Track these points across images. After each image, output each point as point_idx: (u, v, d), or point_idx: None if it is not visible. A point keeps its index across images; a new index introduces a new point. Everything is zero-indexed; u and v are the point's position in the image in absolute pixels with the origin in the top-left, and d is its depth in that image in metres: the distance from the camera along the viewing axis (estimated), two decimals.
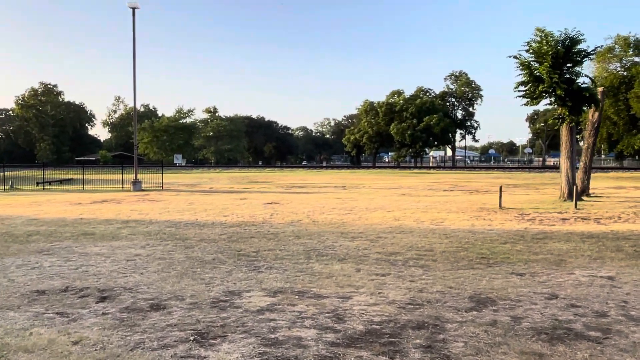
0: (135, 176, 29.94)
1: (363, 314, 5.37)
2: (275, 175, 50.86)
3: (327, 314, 5.36)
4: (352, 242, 10.35)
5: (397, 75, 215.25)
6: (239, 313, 5.45)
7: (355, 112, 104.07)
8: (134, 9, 30.13)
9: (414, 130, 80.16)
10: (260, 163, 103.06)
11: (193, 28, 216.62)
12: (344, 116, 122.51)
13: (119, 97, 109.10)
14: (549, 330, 4.83)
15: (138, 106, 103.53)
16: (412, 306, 5.64)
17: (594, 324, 5.01)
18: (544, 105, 21.52)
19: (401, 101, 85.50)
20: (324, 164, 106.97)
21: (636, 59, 45.39)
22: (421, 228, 12.45)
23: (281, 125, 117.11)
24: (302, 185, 32.43)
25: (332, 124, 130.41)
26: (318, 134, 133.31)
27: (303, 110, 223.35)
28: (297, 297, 6.10)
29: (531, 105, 19.93)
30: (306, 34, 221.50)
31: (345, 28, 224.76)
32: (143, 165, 52.47)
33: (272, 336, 4.72)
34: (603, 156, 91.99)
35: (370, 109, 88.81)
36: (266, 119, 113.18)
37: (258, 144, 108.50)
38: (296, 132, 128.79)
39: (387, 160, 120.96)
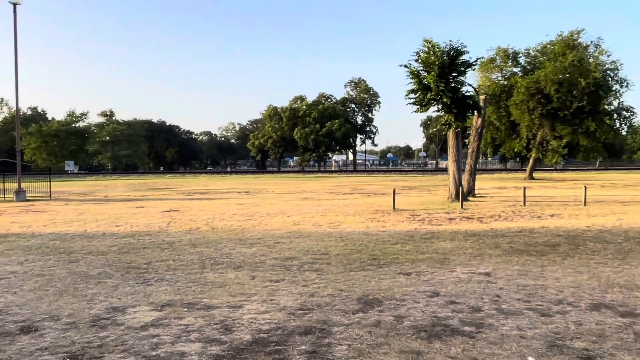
0: (19, 185, 27.46)
1: (252, 322, 5.32)
2: (177, 181, 49.19)
3: (215, 326, 5.24)
4: (249, 248, 10.25)
5: (299, 81, 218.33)
6: (120, 331, 5.16)
7: (259, 116, 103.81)
8: (15, 4, 27.72)
9: (317, 135, 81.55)
10: (161, 169, 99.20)
11: (90, 26, 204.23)
12: (249, 121, 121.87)
13: (2, 99, 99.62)
14: (428, 327, 5.09)
15: (24, 109, 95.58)
16: (302, 311, 5.69)
17: (469, 319, 5.36)
18: (432, 111, 22.84)
19: (304, 106, 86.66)
20: (229, 169, 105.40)
21: (515, 69, 49.65)
22: (319, 232, 12.64)
23: (184, 130, 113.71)
24: (205, 192, 31.66)
25: (237, 128, 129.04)
26: (223, 138, 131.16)
27: (207, 114, 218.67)
28: (185, 309, 5.91)
29: (421, 112, 21.09)
30: (211, 37, 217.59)
31: (248, 31, 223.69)
32: (29, 173, 48.32)
33: (154, 353, 4.52)
34: (489, 159, 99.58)
35: (274, 114, 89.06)
36: (168, 123, 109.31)
37: (159, 149, 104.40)
38: (200, 137, 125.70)
39: (292, 165, 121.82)
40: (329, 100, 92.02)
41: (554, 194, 25.97)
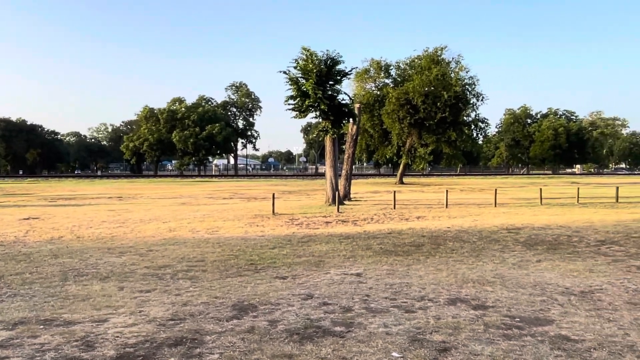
0: None
1: (118, 337, 5.01)
2: (39, 186, 44.84)
3: (75, 343, 4.85)
4: (119, 258, 9.65)
5: (178, 82, 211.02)
6: None
7: (134, 117, 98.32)
8: None
9: (197, 138, 79.40)
10: (21, 172, 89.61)
11: None
12: (123, 122, 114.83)
13: None
14: (301, 330, 5.19)
15: None
16: (173, 322, 5.48)
17: (340, 319, 5.56)
18: (311, 117, 23.43)
19: (183, 109, 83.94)
20: (100, 172, 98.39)
21: (387, 80, 52.79)
22: (196, 238, 12.31)
23: (48, 130, 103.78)
24: (71, 197, 29.24)
25: (110, 129, 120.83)
26: (93, 140, 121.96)
27: (76, 114, 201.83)
28: (42, 326, 5.39)
29: (300, 117, 21.53)
30: (81, 29, 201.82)
31: (123, 26, 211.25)
32: None
33: None
34: (364, 164, 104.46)
35: (150, 115, 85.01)
36: (28, 122, 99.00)
37: (18, 151, 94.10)
38: (67, 138, 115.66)
39: (170, 169, 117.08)
40: (209, 103, 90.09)
41: (420, 198, 27.96)
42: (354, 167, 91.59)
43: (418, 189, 39.20)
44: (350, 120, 23.81)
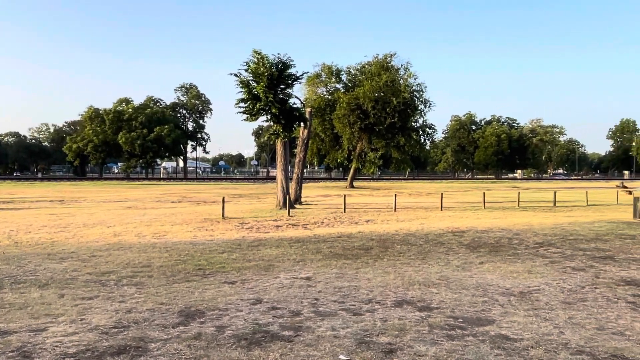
0: None
1: (57, 346, 4.82)
2: None
3: (10, 354, 4.63)
4: (60, 264, 9.27)
5: (125, 83, 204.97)
6: None
7: (78, 118, 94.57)
8: None
9: (145, 140, 77.30)
10: None
11: None
12: (66, 122, 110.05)
13: None
14: (249, 335, 5.16)
15: None
16: (116, 330, 5.32)
17: (289, 323, 5.56)
18: (262, 121, 23.35)
19: (130, 109, 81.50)
20: (40, 175, 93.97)
21: (338, 85, 53.29)
22: (142, 243, 11.99)
23: None
24: (9, 200, 27.79)
25: (52, 130, 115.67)
26: (34, 140, 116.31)
27: (14, 113, 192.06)
28: None
29: (250, 121, 21.41)
30: (19, 24, 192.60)
31: (67, 23, 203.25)
32: None
33: None
34: (316, 168, 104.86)
35: (95, 115, 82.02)
36: None
37: None
38: (5, 138, 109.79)
39: (116, 171, 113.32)
40: (158, 104, 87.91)
41: (370, 201, 28.36)
42: (305, 170, 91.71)
43: (368, 193, 39.76)
44: (302, 124, 23.88)
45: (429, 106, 51.11)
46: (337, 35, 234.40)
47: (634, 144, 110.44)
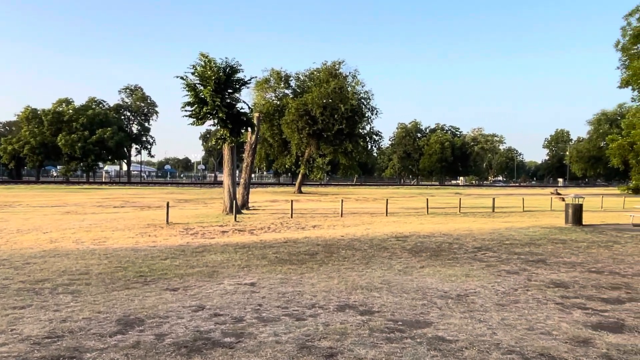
0: None
1: None
2: None
3: None
4: None
5: (65, 82, 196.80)
6: None
7: (14, 118, 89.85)
8: None
9: (86, 142, 74.45)
10: None
11: None
12: (0, 122, 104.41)
13: None
14: (189, 343, 5.09)
15: None
16: (49, 340, 5.12)
17: (231, 330, 5.54)
18: (209, 125, 23.06)
19: (70, 110, 78.29)
20: None
21: (286, 91, 53.41)
22: (80, 249, 11.56)
23: None
24: None
25: None
26: None
27: None
28: None
29: (197, 125, 21.09)
30: None
31: (10, 18, 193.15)
32: None
33: None
34: (264, 173, 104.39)
35: (33, 116, 78.22)
36: None
37: None
38: None
39: (54, 175, 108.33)
40: (100, 105, 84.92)
41: (318, 207, 28.54)
42: (253, 176, 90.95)
43: (316, 198, 39.96)
44: (249, 129, 23.75)
45: (376, 113, 52.12)
46: (286, 42, 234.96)
47: (567, 153, 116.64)
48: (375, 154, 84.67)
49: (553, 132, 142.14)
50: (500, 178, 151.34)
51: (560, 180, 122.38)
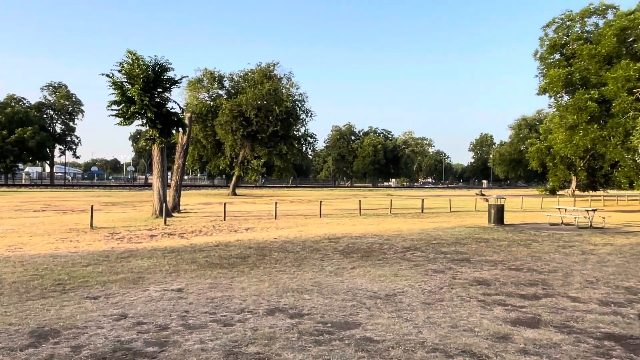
0: None
1: None
2: None
3: None
4: None
5: None
6: None
7: None
8: None
9: (4, 142, 69.67)
10: None
11: None
12: None
13: None
14: (108, 354, 4.84)
15: None
16: None
17: (154, 339, 5.32)
18: (137, 125, 22.23)
19: None
20: None
21: (220, 91, 52.52)
22: None
23: None
24: None
25: None
26: None
27: None
28: None
29: (125, 125, 20.26)
30: None
31: None
32: None
33: None
34: (198, 175, 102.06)
35: None
36: None
37: None
38: None
39: None
40: (20, 103, 79.74)
41: (252, 209, 28.26)
42: (186, 177, 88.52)
43: (250, 201, 39.57)
44: (181, 129, 23.11)
45: (311, 116, 52.39)
46: (220, 43, 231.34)
47: (491, 156, 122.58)
48: (310, 156, 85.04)
49: (478, 136, 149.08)
50: (429, 180, 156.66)
51: (485, 182, 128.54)
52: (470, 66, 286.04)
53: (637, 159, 38.21)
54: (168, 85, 20.80)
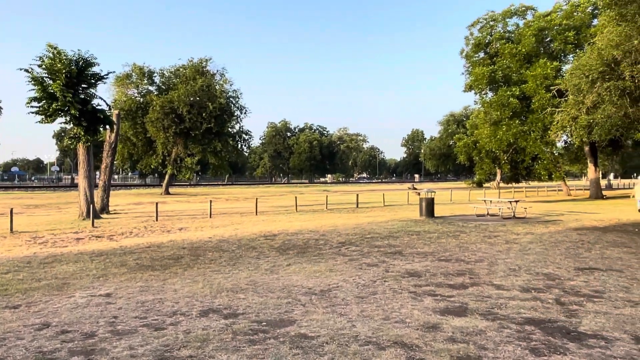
0: None
1: None
2: None
3: None
4: None
5: None
6: None
7: None
8: None
9: None
10: None
11: None
12: None
13: None
14: None
15: None
16: None
17: (80, 348, 5.08)
18: (60, 123, 21.11)
19: None
20: None
21: (150, 87, 50.80)
22: None
23: None
24: None
25: None
26: None
27: None
28: None
29: (46, 122, 19.14)
30: None
31: None
32: None
33: None
34: (129, 174, 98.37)
35: None
36: None
37: None
38: None
39: None
40: None
41: (186, 208, 27.61)
42: (117, 177, 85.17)
43: (184, 200, 38.63)
44: (108, 127, 22.15)
45: (245, 112, 51.84)
46: (151, 39, 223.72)
47: (422, 151, 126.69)
48: (245, 153, 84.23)
49: (410, 131, 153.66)
50: (364, 175, 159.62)
51: (417, 176, 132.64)
52: (404, 64, 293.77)
53: (554, 152, 40.81)
54: (93, 81, 19.86)
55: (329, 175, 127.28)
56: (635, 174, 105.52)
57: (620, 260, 10.21)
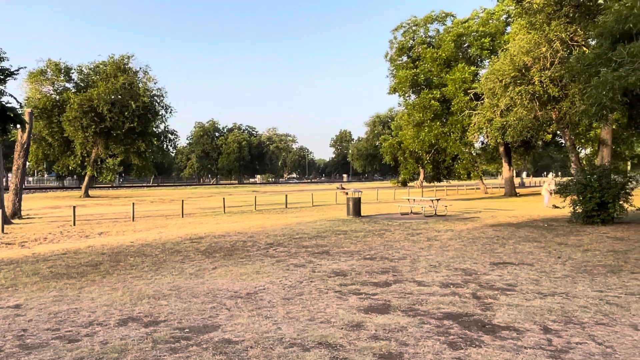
0: None
1: None
2: None
3: None
4: None
5: None
6: None
7: None
8: None
9: None
10: None
11: None
12: None
13: None
14: None
15: None
16: None
17: None
18: None
19: None
20: None
21: (67, 85, 48.06)
22: None
23: None
24: None
25: None
26: None
27: None
28: None
29: None
30: None
31: None
32: None
33: None
34: (45, 176, 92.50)
35: None
36: None
37: None
38: None
39: None
40: None
41: (107, 212, 26.39)
42: (32, 179, 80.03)
43: (105, 202, 36.91)
44: (19, 126, 20.70)
45: (171, 112, 50.34)
46: (69, 36, 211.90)
47: (350, 151, 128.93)
48: (171, 154, 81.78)
49: (338, 132, 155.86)
50: (294, 175, 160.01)
51: (345, 176, 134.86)
52: (332, 66, 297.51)
53: (473, 152, 42.96)
54: (2, 77, 18.48)
55: (259, 176, 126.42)
56: (545, 173, 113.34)
57: (531, 255, 10.91)
